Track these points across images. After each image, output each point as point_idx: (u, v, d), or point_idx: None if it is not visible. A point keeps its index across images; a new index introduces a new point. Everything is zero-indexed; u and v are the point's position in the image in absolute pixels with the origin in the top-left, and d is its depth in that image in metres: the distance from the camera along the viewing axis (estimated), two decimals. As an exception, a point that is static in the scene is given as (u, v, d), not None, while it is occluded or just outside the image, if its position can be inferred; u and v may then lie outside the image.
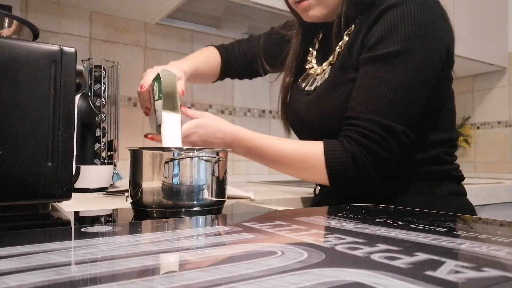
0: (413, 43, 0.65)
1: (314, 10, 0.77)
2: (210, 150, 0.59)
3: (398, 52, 0.65)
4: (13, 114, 0.48)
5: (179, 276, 0.23)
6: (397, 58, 0.66)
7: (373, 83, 0.67)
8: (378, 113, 0.66)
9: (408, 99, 0.66)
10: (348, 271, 0.24)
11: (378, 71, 0.67)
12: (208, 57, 1.00)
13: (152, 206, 0.57)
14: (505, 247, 0.31)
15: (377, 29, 0.68)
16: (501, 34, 2.02)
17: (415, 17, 0.66)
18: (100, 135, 1.09)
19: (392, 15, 0.67)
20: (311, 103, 0.79)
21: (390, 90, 0.65)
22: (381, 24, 0.68)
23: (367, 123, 0.66)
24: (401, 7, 0.67)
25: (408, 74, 0.65)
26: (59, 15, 1.31)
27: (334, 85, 0.74)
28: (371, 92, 0.67)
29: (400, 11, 0.66)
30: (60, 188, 0.50)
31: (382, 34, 0.67)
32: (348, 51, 0.73)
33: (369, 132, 0.66)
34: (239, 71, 1.05)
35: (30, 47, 0.49)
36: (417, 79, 0.66)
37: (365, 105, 0.67)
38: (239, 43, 1.05)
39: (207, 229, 0.42)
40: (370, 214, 0.50)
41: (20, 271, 0.24)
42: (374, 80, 0.67)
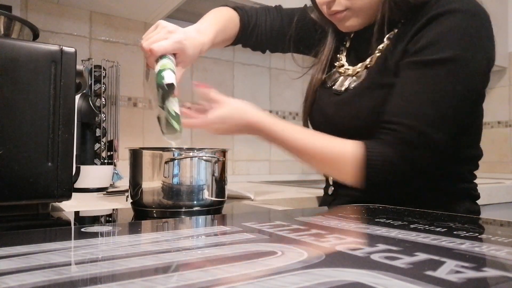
0: (461, 53, 0.63)
1: (350, 21, 0.75)
2: (210, 150, 0.60)
3: (446, 60, 0.63)
4: (13, 114, 0.48)
5: (179, 276, 0.23)
6: (444, 66, 0.63)
7: (417, 88, 0.64)
8: (421, 120, 0.63)
9: (450, 109, 0.63)
10: (348, 271, 0.24)
11: (423, 77, 0.64)
12: (228, 21, 0.92)
13: (152, 206, 0.57)
14: (505, 247, 0.31)
15: (424, 34, 0.66)
16: (501, 34, 2.02)
17: (465, 27, 0.64)
18: (100, 135, 1.09)
19: (442, 23, 0.65)
20: (342, 103, 0.76)
21: (434, 97, 0.63)
22: (429, 30, 0.65)
23: (408, 130, 0.63)
24: (452, 15, 0.64)
25: (453, 84, 0.63)
26: (59, 15, 1.31)
27: (370, 88, 0.72)
28: (414, 97, 0.64)
29: (452, 19, 0.64)
30: (60, 188, 0.50)
31: (430, 40, 0.65)
32: (389, 56, 0.71)
33: (411, 140, 0.63)
34: (258, 43, 0.98)
35: (30, 47, 0.49)
36: (462, 91, 0.63)
37: (407, 110, 0.64)
38: (266, 13, 0.97)
39: (207, 229, 0.42)
40: (370, 214, 0.50)
41: (20, 271, 0.24)
42: (419, 85, 0.64)
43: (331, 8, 0.74)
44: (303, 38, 0.95)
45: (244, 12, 0.95)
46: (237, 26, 0.93)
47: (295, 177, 1.74)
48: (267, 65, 1.77)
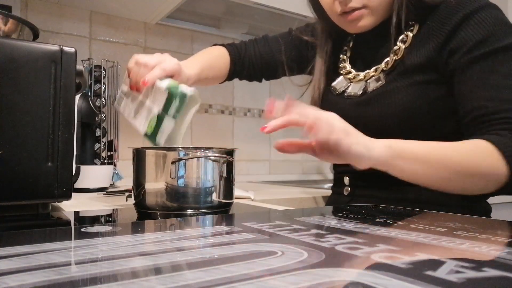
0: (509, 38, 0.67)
1: (365, 19, 0.74)
2: (218, 149, 0.58)
3: (506, 46, 0.66)
4: (13, 114, 0.48)
5: (179, 276, 0.23)
6: (508, 52, 0.67)
7: (494, 77, 0.66)
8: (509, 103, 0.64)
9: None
10: (348, 271, 0.24)
11: (494, 66, 0.66)
12: (216, 58, 0.94)
13: (156, 208, 0.56)
14: (505, 247, 0.31)
15: (469, 31, 0.68)
16: (501, 34, 2.01)
17: (501, 18, 0.69)
18: (100, 135, 1.09)
19: (482, 17, 0.68)
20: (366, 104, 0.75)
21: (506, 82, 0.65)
22: (472, 27, 0.68)
23: (509, 113, 0.64)
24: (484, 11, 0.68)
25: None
26: (59, 15, 1.31)
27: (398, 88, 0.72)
28: (496, 86, 0.65)
29: (485, 14, 0.68)
30: (60, 188, 0.50)
31: (482, 34, 0.67)
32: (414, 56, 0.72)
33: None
34: (252, 72, 1.00)
35: (30, 47, 0.49)
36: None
37: (498, 99, 0.64)
38: (254, 43, 1.00)
39: (207, 229, 0.42)
40: (370, 214, 0.50)
41: (20, 271, 0.24)
42: (494, 74, 0.66)
43: (348, 5, 0.72)
44: (295, 59, 0.97)
45: (234, 47, 0.98)
46: (228, 61, 0.96)
47: (295, 177, 1.74)
48: (267, 65, 1.77)
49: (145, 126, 0.68)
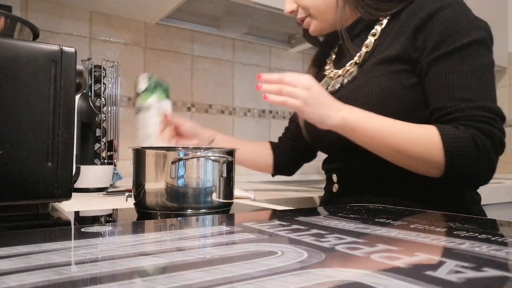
0: (475, 35, 0.70)
1: (313, 25, 0.86)
2: (218, 149, 0.58)
3: (467, 44, 0.69)
4: (13, 114, 0.48)
5: (179, 276, 0.23)
6: (468, 50, 0.69)
7: (455, 77, 0.69)
8: (476, 100, 0.67)
9: (490, 82, 0.70)
10: (348, 271, 0.24)
11: (455, 65, 0.69)
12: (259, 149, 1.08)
13: (156, 208, 0.56)
14: (505, 247, 0.31)
15: (434, 29, 0.71)
16: (501, 34, 2.02)
17: (465, 14, 0.71)
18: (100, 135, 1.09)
19: (445, 15, 0.71)
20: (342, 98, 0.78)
21: (474, 78, 0.68)
22: (437, 25, 0.71)
23: (472, 111, 0.67)
24: (450, 7, 0.71)
25: (482, 61, 0.69)
26: (59, 15, 1.31)
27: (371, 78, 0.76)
28: (456, 85, 0.69)
29: (451, 10, 0.71)
30: (60, 188, 0.50)
31: (444, 33, 0.70)
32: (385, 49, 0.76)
33: (481, 117, 0.67)
34: (295, 163, 1.10)
35: (30, 47, 0.49)
36: (489, 64, 0.70)
37: (457, 98, 0.68)
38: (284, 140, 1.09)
39: (207, 229, 0.42)
40: (370, 214, 0.50)
41: (20, 271, 0.24)
42: (455, 74, 0.69)
43: (297, 16, 0.87)
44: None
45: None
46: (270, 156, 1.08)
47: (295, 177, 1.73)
48: (267, 65, 1.77)
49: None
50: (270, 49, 1.78)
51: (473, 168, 0.66)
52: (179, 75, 1.54)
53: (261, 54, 1.76)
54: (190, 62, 1.56)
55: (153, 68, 1.48)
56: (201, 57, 1.59)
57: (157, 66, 1.49)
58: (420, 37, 0.72)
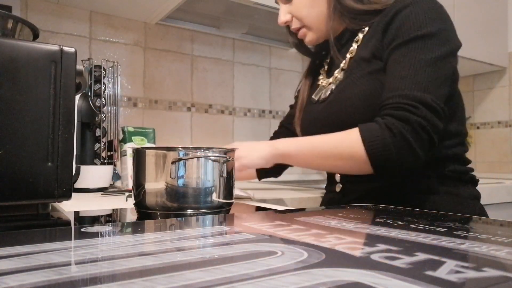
0: (426, 29, 0.71)
1: (308, 36, 0.89)
2: (218, 149, 0.58)
3: (415, 38, 0.71)
4: (13, 114, 0.48)
5: (179, 276, 0.23)
6: (416, 43, 0.71)
7: (396, 67, 0.72)
8: (403, 89, 0.70)
9: (430, 74, 0.70)
10: (348, 271, 0.24)
11: (399, 57, 0.72)
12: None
13: (156, 208, 0.56)
14: (505, 247, 0.31)
15: (393, 26, 0.75)
16: (501, 34, 2.02)
17: (425, 11, 0.73)
18: (100, 135, 1.09)
19: (407, 11, 0.74)
20: (329, 103, 0.84)
21: (412, 69, 0.70)
22: (396, 22, 0.75)
23: (394, 99, 0.70)
24: (412, 6, 0.74)
25: (427, 54, 0.70)
26: (59, 15, 1.31)
27: (352, 81, 0.80)
28: (394, 75, 0.72)
29: (413, 7, 0.74)
30: (60, 188, 0.50)
31: (398, 27, 0.74)
32: (363, 52, 0.80)
33: (399, 104, 0.69)
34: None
35: (30, 47, 0.49)
36: (434, 58, 0.71)
37: (391, 88, 0.72)
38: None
39: (207, 229, 0.42)
40: (370, 214, 0.50)
41: (20, 271, 0.24)
42: (396, 65, 0.72)
43: (292, 27, 0.90)
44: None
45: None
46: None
47: (295, 177, 1.74)
48: (267, 65, 1.77)
49: None
50: (270, 49, 1.78)
51: (394, 155, 0.68)
52: (179, 75, 1.54)
53: (261, 54, 1.76)
54: (190, 62, 1.56)
55: (153, 68, 1.48)
56: (201, 57, 1.59)
57: (157, 66, 1.49)
58: (385, 36, 0.76)
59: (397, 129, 0.67)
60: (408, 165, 0.69)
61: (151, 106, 1.47)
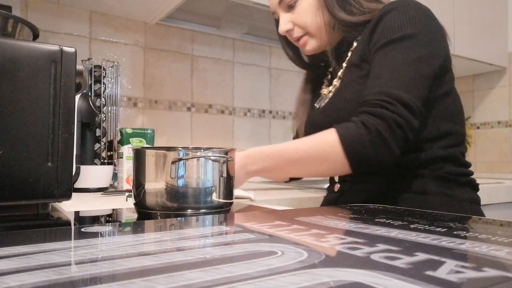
0: (406, 31, 0.73)
1: (309, 44, 0.88)
2: (218, 149, 0.58)
3: (395, 39, 0.73)
4: (13, 114, 0.48)
5: (179, 276, 0.23)
6: (395, 44, 0.73)
7: (376, 67, 0.74)
8: (380, 87, 0.71)
9: (408, 74, 0.71)
10: (348, 271, 0.24)
11: (380, 58, 0.74)
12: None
13: (156, 208, 0.56)
14: (505, 247, 0.31)
15: (377, 30, 0.76)
16: (501, 34, 2.02)
17: (410, 13, 0.74)
18: (100, 135, 1.09)
19: (390, 15, 0.75)
20: (325, 109, 0.85)
21: (390, 69, 0.71)
22: (380, 26, 0.76)
23: (371, 96, 0.71)
24: (395, 10, 0.75)
25: (406, 55, 0.71)
26: (59, 15, 1.31)
27: (345, 86, 0.81)
28: (374, 75, 0.73)
29: (396, 11, 0.75)
30: (60, 188, 0.50)
31: (382, 30, 0.75)
32: (354, 58, 0.82)
33: (375, 101, 0.69)
34: None
35: (30, 47, 0.49)
36: (415, 57, 0.71)
37: (369, 87, 0.73)
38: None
39: (207, 229, 0.42)
40: (370, 214, 0.50)
41: (20, 271, 0.24)
42: (377, 64, 0.74)
43: (293, 36, 0.88)
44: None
45: None
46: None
47: (295, 177, 1.74)
48: (267, 65, 1.77)
49: None
50: (270, 49, 1.78)
51: (371, 151, 0.68)
52: (179, 75, 1.54)
53: (261, 54, 1.76)
54: (190, 62, 1.56)
55: (153, 68, 1.48)
56: (201, 57, 1.59)
57: (157, 66, 1.49)
58: (372, 39, 0.77)
59: (373, 126, 0.67)
60: (383, 161, 0.69)
61: (151, 106, 1.47)
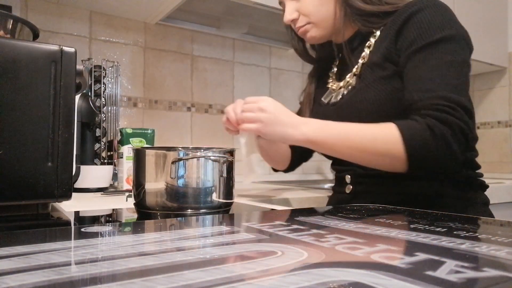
0: (446, 32, 0.72)
1: (311, 32, 0.87)
2: (218, 149, 0.58)
3: (437, 40, 0.72)
4: (13, 114, 0.48)
5: (179, 276, 0.23)
6: (438, 45, 0.72)
7: (423, 69, 0.72)
8: (438, 91, 0.69)
9: (458, 76, 0.71)
10: (348, 271, 0.24)
11: (425, 59, 0.72)
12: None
13: (156, 208, 0.56)
14: (505, 247, 0.31)
15: (410, 30, 0.75)
16: (501, 34, 2.01)
17: (440, 14, 0.74)
18: (100, 135, 1.09)
19: (422, 15, 0.74)
20: (343, 107, 0.83)
21: (441, 70, 0.70)
22: (412, 25, 0.75)
23: (432, 100, 0.69)
24: (426, 10, 0.75)
25: (451, 56, 0.71)
26: (59, 15, 1.31)
27: (365, 85, 0.80)
28: (423, 77, 0.71)
29: (428, 11, 0.74)
30: (60, 188, 0.50)
31: (418, 31, 0.74)
32: (374, 57, 0.80)
33: (439, 106, 0.68)
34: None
35: (30, 47, 0.49)
36: (460, 60, 0.72)
37: (422, 89, 0.71)
38: None
39: (207, 229, 0.42)
40: (370, 214, 0.50)
41: (20, 271, 0.24)
42: (424, 66, 0.72)
43: (296, 25, 0.88)
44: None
45: None
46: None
47: (295, 177, 1.74)
48: (267, 65, 1.77)
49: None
50: (270, 49, 1.78)
51: (434, 156, 0.67)
52: (179, 75, 1.54)
53: (261, 54, 1.76)
54: (190, 62, 1.56)
55: (153, 68, 1.48)
56: (201, 57, 1.59)
57: (157, 66, 1.49)
58: (400, 39, 0.76)
59: (439, 131, 0.66)
60: (446, 167, 0.69)
61: (151, 106, 1.47)
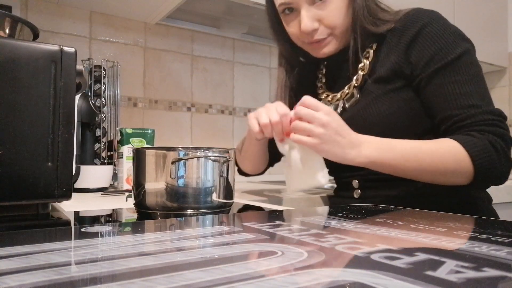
0: (462, 45, 0.74)
1: (329, 46, 0.82)
2: (218, 149, 0.58)
3: (458, 56, 0.73)
4: (13, 114, 0.48)
5: (179, 276, 0.23)
6: (461, 60, 0.73)
7: (455, 86, 0.73)
8: (482, 105, 0.71)
9: (485, 87, 0.74)
10: (348, 271, 0.24)
11: (452, 76, 0.73)
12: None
13: (156, 208, 0.56)
14: (505, 247, 0.31)
15: (424, 45, 0.75)
16: (501, 34, 2.01)
17: (448, 27, 0.76)
18: (100, 135, 1.09)
19: (431, 30, 0.75)
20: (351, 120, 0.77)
21: (473, 85, 0.72)
22: (426, 41, 0.75)
23: (482, 115, 0.71)
24: (434, 23, 0.75)
25: (474, 69, 0.74)
26: (59, 15, 1.31)
27: (373, 99, 0.79)
28: (458, 94, 0.72)
29: (435, 26, 0.75)
30: (60, 188, 0.50)
31: (434, 48, 0.74)
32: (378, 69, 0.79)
33: (490, 121, 0.70)
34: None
35: (30, 47, 0.49)
36: (480, 70, 0.75)
37: (463, 106, 0.72)
38: None
39: (207, 229, 0.42)
40: (370, 214, 0.50)
41: (20, 271, 0.24)
42: (454, 84, 0.73)
43: (314, 37, 0.80)
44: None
45: None
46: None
47: (295, 177, 1.73)
48: (267, 65, 1.77)
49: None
50: (270, 49, 1.78)
51: (498, 171, 0.69)
52: (179, 75, 1.54)
53: (261, 54, 1.76)
54: (190, 62, 1.56)
55: (153, 68, 1.48)
56: (201, 57, 1.59)
57: (157, 66, 1.49)
58: (412, 53, 0.76)
59: (500, 146, 0.68)
60: (506, 178, 0.72)
61: (151, 106, 1.47)
